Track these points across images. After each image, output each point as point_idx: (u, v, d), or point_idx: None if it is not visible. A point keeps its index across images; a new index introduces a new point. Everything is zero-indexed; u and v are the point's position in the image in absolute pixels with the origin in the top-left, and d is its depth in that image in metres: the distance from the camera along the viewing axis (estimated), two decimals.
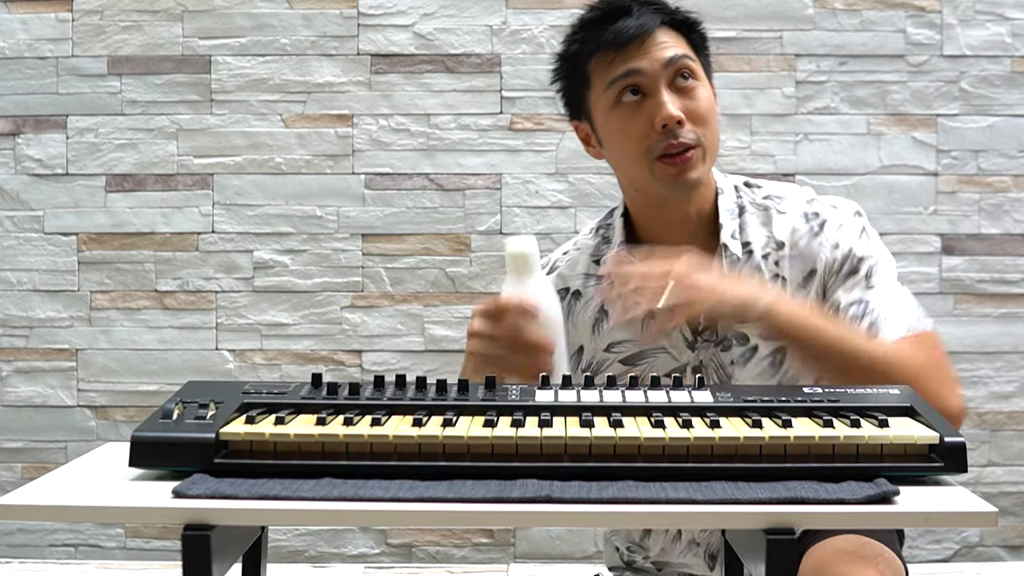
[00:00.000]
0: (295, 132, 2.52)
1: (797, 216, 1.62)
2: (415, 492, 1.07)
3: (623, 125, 1.57)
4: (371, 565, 2.48)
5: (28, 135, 2.53)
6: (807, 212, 1.62)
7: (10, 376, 2.54)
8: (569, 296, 1.71)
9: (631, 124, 1.56)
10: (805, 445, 1.13)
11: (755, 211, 1.65)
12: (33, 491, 1.11)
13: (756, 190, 1.67)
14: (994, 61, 2.51)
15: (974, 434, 2.51)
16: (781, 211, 1.63)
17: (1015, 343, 2.51)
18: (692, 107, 1.55)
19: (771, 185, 1.69)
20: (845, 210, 1.62)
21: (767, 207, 1.64)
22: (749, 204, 1.65)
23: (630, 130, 1.57)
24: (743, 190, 1.66)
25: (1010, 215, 2.51)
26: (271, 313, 2.52)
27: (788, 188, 1.67)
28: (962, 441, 1.14)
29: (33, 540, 2.54)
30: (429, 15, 2.51)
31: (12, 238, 2.54)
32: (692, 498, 1.05)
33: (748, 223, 1.64)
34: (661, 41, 1.56)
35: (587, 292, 1.70)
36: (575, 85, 1.64)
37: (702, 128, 1.56)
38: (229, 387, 1.29)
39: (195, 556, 1.02)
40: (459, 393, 1.27)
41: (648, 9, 1.58)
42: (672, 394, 1.27)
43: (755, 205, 1.65)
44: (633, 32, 1.56)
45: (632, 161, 1.59)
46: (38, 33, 2.53)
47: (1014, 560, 2.51)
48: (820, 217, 1.61)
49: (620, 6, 1.59)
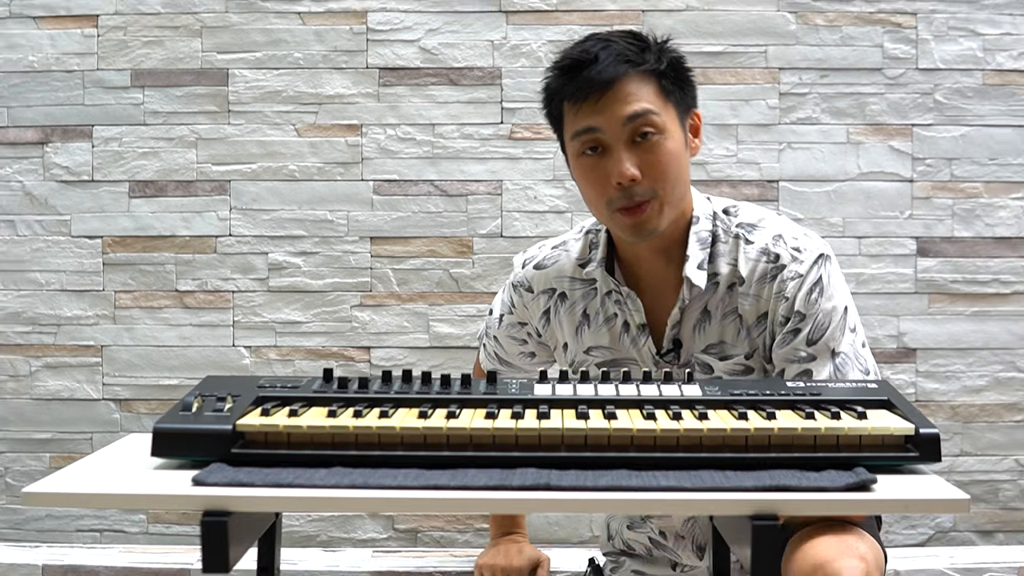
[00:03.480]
0: (307, 141, 2.52)
1: (759, 251, 1.57)
2: (421, 480, 1.07)
3: (586, 175, 1.56)
4: (379, 549, 2.48)
5: (56, 144, 2.53)
6: (769, 251, 1.56)
7: (39, 371, 2.54)
8: (556, 296, 1.70)
9: (592, 176, 1.55)
10: (788, 436, 1.13)
11: (727, 239, 1.60)
12: (61, 480, 1.11)
13: (732, 218, 1.61)
14: (966, 74, 2.51)
15: (947, 425, 2.51)
16: (749, 241, 1.58)
17: (986, 340, 2.51)
18: (650, 162, 1.50)
19: (748, 211, 1.63)
20: (807, 257, 1.55)
21: (738, 235, 1.60)
22: (723, 232, 1.60)
23: (591, 182, 1.55)
24: (720, 218, 1.61)
25: (981, 219, 2.51)
26: (285, 312, 2.52)
27: (764, 217, 1.62)
28: (936, 432, 1.14)
29: (60, 525, 2.54)
30: (434, 31, 2.51)
31: (41, 241, 2.54)
32: (682, 486, 1.06)
33: (719, 252, 1.59)
34: (625, 94, 1.51)
35: (572, 295, 1.69)
36: (553, 122, 1.63)
37: (660, 182, 1.51)
38: (245, 381, 1.29)
39: (213, 540, 1.02)
40: (462, 387, 1.28)
41: (613, 59, 1.51)
42: (663, 388, 1.27)
43: (728, 233, 1.60)
44: (595, 87, 1.51)
45: (595, 208, 1.58)
46: (65, 48, 2.52)
47: (985, 544, 2.51)
48: (779, 261, 1.55)
49: (586, 56, 1.52)
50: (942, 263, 2.51)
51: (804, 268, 1.54)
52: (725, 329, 1.58)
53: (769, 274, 1.55)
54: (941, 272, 2.51)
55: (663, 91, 1.53)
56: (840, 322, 1.52)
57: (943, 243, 2.51)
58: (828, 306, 1.52)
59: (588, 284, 1.67)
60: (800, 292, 1.53)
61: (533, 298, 1.72)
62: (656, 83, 1.53)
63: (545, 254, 1.73)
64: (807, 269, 1.54)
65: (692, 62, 1.60)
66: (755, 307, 1.56)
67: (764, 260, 1.55)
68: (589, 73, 1.50)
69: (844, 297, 1.55)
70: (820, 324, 1.52)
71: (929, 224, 2.51)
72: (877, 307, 2.49)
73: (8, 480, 2.54)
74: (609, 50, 1.52)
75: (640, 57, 1.52)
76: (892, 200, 2.50)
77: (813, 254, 1.55)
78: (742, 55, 2.50)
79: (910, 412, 1.19)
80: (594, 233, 1.70)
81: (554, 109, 1.59)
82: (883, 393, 1.26)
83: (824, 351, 1.51)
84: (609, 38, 1.54)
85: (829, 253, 1.56)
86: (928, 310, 2.51)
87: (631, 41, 1.54)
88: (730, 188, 2.49)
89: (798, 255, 1.55)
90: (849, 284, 1.70)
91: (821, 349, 1.51)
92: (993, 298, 2.51)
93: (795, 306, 1.52)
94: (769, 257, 1.55)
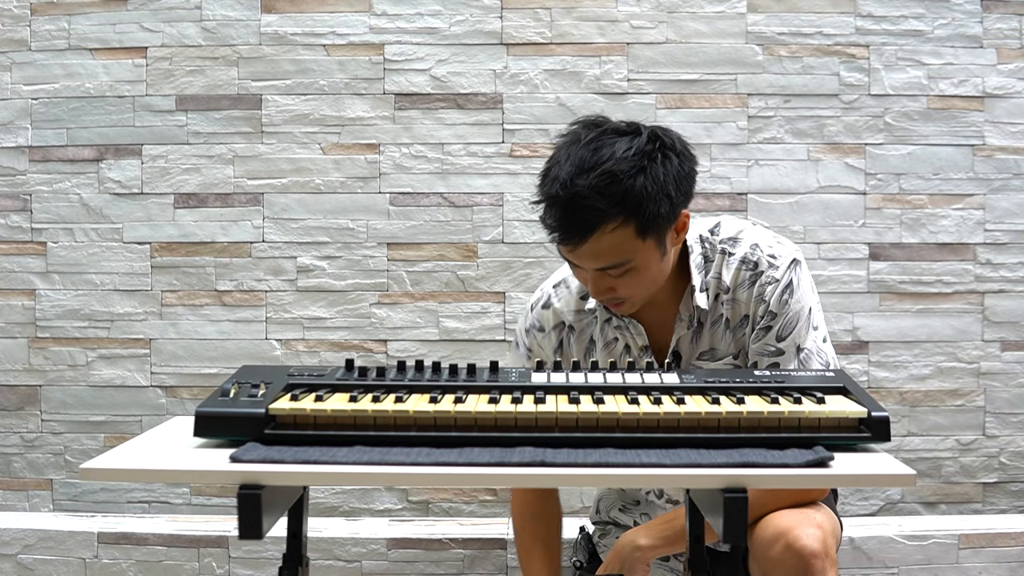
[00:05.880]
0: (332, 158, 2.52)
1: (739, 261, 1.55)
2: (431, 457, 1.07)
3: (572, 270, 1.54)
4: (395, 519, 2.48)
5: (109, 161, 2.53)
6: (748, 259, 1.55)
7: (94, 361, 2.54)
8: (565, 328, 1.68)
9: (577, 273, 1.53)
10: (756, 419, 1.13)
11: (716, 256, 1.59)
12: (114, 457, 1.11)
13: (715, 236, 1.58)
14: (913, 99, 2.51)
15: (896, 409, 2.51)
16: (731, 253, 1.57)
17: (930, 334, 2.51)
18: (626, 282, 1.46)
19: (728, 225, 1.60)
20: (781, 263, 1.54)
21: (724, 250, 1.58)
22: (711, 252, 1.59)
23: (577, 276, 1.54)
24: (707, 239, 1.58)
25: (926, 227, 2.51)
26: (311, 309, 2.52)
27: (742, 229, 1.59)
28: (886, 415, 1.14)
29: (113, 497, 2.53)
30: (443, 61, 2.51)
31: (96, 247, 2.54)
32: (662, 463, 1.06)
33: (711, 270, 1.59)
34: (596, 250, 1.40)
35: (578, 325, 1.67)
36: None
37: (635, 293, 1.47)
38: (276, 370, 1.29)
39: (249, 510, 1.02)
40: (468, 375, 1.28)
41: (585, 213, 1.37)
42: (645, 376, 1.27)
43: (715, 252, 1.58)
44: (568, 238, 1.40)
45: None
46: (118, 76, 2.52)
47: (929, 515, 2.51)
48: (757, 268, 1.54)
49: (564, 199, 1.38)
50: (891, 266, 2.51)
51: (779, 273, 1.53)
52: (714, 336, 1.57)
53: (749, 280, 1.54)
54: (891, 274, 2.51)
55: (640, 231, 1.40)
56: (806, 321, 1.52)
57: (892, 248, 2.51)
58: (797, 307, 1.52)
59: (590, 314, 1.65)
60: (775, 295, 1.52)
61: (545, 335, 1.69)
62: (633, 226, 1.40)
63: (548, 293, 1.69)
64: (782, 274, 1.53)
65: (671, 89, 1.57)
66: (737, 310, 1.55)
67: (744, 268, 1.54)
68: (566, 221, 1.38)
69: (810, 298, 1.54)
70: (789, 322, 1.52)
71: (880, 232, 2.51)
72: (834, 305, 2.49)
73: (67, 457, 2.54)
74: (581, 204, 1.37)
75: (611, 210, 1.37)
76: (847, 210, 2.50)
77: (787, 260, 1.54)
78: (715, 82, 2.50)
79: (863, 398, 1.19)
80: None
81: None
82: (840, 381, 1.26)
83: (791, 346, 1.51)
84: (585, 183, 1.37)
85: (800, 258, 1.56)
86: (879, 307, 2.51)
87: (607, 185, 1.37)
88: (704, 200, 2.49)
89: (774, 261, 1.54)
90: None
91: (788, 345, 1.51)
92: (936, 297, 2.51)
93: (770, 307, 1.52)
94: (748, 265, 1.54)
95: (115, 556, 2.28)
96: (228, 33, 2.52)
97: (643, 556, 1.54)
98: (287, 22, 2.51)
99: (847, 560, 2.23)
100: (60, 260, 2.54)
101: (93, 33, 2.52)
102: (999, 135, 2.50)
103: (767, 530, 1.42)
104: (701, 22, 2.49)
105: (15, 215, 2.53)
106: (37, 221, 2.54)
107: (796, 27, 2.49)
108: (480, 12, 2.50)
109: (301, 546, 1.31)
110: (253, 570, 2.28)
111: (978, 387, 2.51)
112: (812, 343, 1.52)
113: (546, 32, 2.50)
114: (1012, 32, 2.50)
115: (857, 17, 2.50)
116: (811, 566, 1.34)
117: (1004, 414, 2.52)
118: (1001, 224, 2.51)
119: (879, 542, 2.25)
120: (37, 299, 2.53)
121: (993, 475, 2.52)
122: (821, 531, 1.38)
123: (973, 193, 2.51)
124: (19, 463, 2.55)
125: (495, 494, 2.50)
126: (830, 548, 1.38)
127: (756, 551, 1.44)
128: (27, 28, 2.53)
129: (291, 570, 1.31)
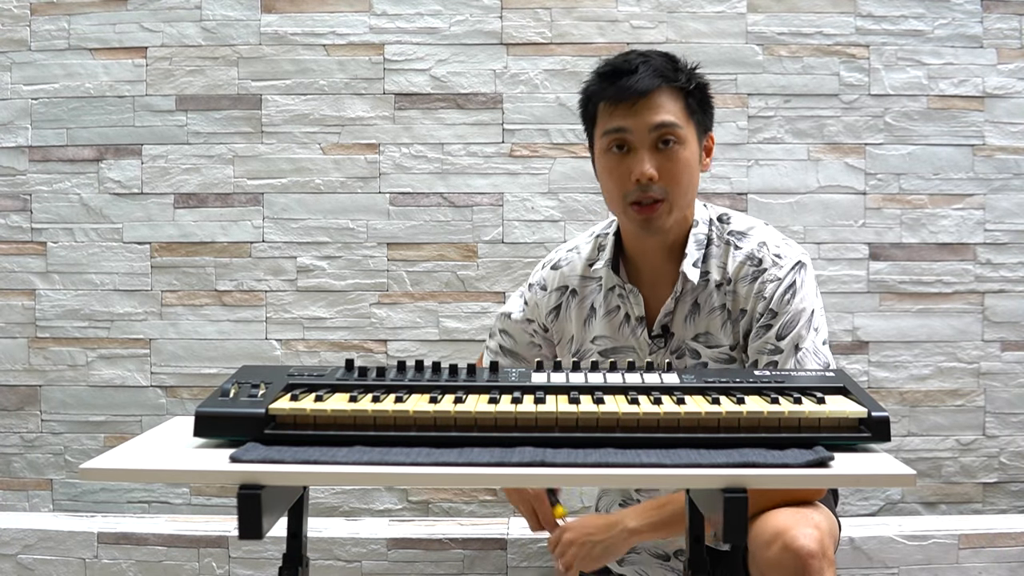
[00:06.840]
0: (331, 158, 2.52)
1: (745, 256, 1.58)
2: (431, 458, 1.07)
3: (609, 171, 1.57)
4: (395, 519, 2.48)
5: (109, 161, 2.53)
6: (754, 256, 1.57)
7: (94, 361, 2.54)
8: (568, 292, 1.71)
9: (615, 171, 1.56)
10: (756, 419, 1.13)
11: (720, 244, 1.61)
12: (113, 457, 1.11)
13: (726, 225, 1.62)
14: (913, 99, 2.51)
15: (896, 409, 2.51)
16: (738, 247, 1.60)
17: (930, 334, 2.51)
18: (667, 167, 1.52)
19: (740, 220, 1.64)
20: (786, 263, 1.56)
21: (729, 242, 1.61)
22: (716, 237, 1.62)
23: (613, 176, 1.56)
24: (715, 224, 1.62)
25: (926, 227, 2.51)
26: (311, 309, 2.52)
27: (753, 226, 1.62)
28: (886, 415, 1.14)
29: (113, 497, 2.53)
30: (443, 61, 2.51)
31: (96, 247, 2.54)
32: (662, 463, 1.06)
33: (712, 254, 1.61)
34: (655, 105, 1.51)
35: (581, 291, 1.70)
36: (587, 122, 1.63)
37: (672, 185, 1.53)
38: (276, 370, 1.29)
39: (248, 511, 1.02)
40: (468, 375, 1.28)
41: (650, 72, 1.52)
42: (645, 376, 1.27)
43: (721, 239, 1.61)
44: (630, 93, 1.52)
45: (612, 200, 1.59)
46: (118, 76, 2.52)
47: (929, 515, 2.51)
48: (761, 265, 1.56)
49: (627, 67, 1.54)
50: (891, 266, 2.51)
51: (783, 273, 1.55)
52: (712, 322, 1.58)
53: (751, 276, 1.56)
54: (891, 274, 2.51)
55: (688, 109, 1.54)
56: (807, 322, 1.53)
57: (892, 248, 2.51)
58: (799, 308, 1.53)
59: (595, 280, 1.69)
60: (776, 293, 1.54)
61: (544, 296, 1.74)
62: (683, 101, 1.54)
63: (560, 256, 1.77)
64: (785, 273, 1.54)
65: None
66: (737, 303, 1.57)
67: (749, 264, 1.57)
68: (627, 81, 1.52)
69: (813, 301, 1.55)
70: (789, 322, 1.52)
71: (880, 231, 2.51)
72: (834, 305, 2.49)
73: (67, 457, 2.54)
74: (648, 64, 1.53)
75: (674, 75, 1.54)
76: (847, 210, 2.50)
77: (792, 261, 1.56)
78: (715, 83, 2.49)
79: (863, 397, 1.19)
80: (603, 236, 1.72)
81: (590, 109, 1.60)
82: (839, 381, 1.26)
83: (790, 346, 1.52)
84: (648, 54, 1.55)
85: (806, 261, 1.57)
86: (879, 307, 2.51)
87: (667, 60, 1.56)
88: (704, 200, 2.49)
89: (779, 260, 1.56)
90: None
91: (787, 344, 1.52)
92: (936, 297, 2.51)
93: (770, 305, 1.53)
94: (753, 261, 1.56)
95: (115, 556, 2.28)
96: (228, 33, 2.52)
97: (628, 539, 1.57)
98: (287, 22, 2.51)
99: (847, 560, 2.23)
100: (60, 260, 2.54)
101: (93, 33, 2.52)
102: (999, 135, 2.50)
103: (764, 530, 1.41)
104: (701, 22, 2.49)
105: (15, 215, 2.53)
106: (37, 221, 2.54)
107: (796, 27, 2.49)
108: (480, 12, 2.50)
109: (301, 546, 1.31)
110: (253, 570, 2.28)
111: (978, 387, 2.51)
112: (811, 343, 1.52)
113: (546, 32, 2.50)
114: (1012, 32, 2.50)
115: (857, 17, 2.50)
116: (808, 566, 1.34)
117: (1004, 414, 2.52)
118: (1001, 224, 2.51)
119: (879, 542, 2.25)
120: (37, 299, 2.53)
121: (993, 475, 2.52)
122: (818, 531, 1.38)
123: (973, 193, 2.51)
124: (19, 463, 2.55)
125: (495, 494, 2.50)
126: (827, 548, 1.38)
127: (753, 551, 1.44)
128: (27, 28, 2.53)
129: (291, 570, 1.31)
